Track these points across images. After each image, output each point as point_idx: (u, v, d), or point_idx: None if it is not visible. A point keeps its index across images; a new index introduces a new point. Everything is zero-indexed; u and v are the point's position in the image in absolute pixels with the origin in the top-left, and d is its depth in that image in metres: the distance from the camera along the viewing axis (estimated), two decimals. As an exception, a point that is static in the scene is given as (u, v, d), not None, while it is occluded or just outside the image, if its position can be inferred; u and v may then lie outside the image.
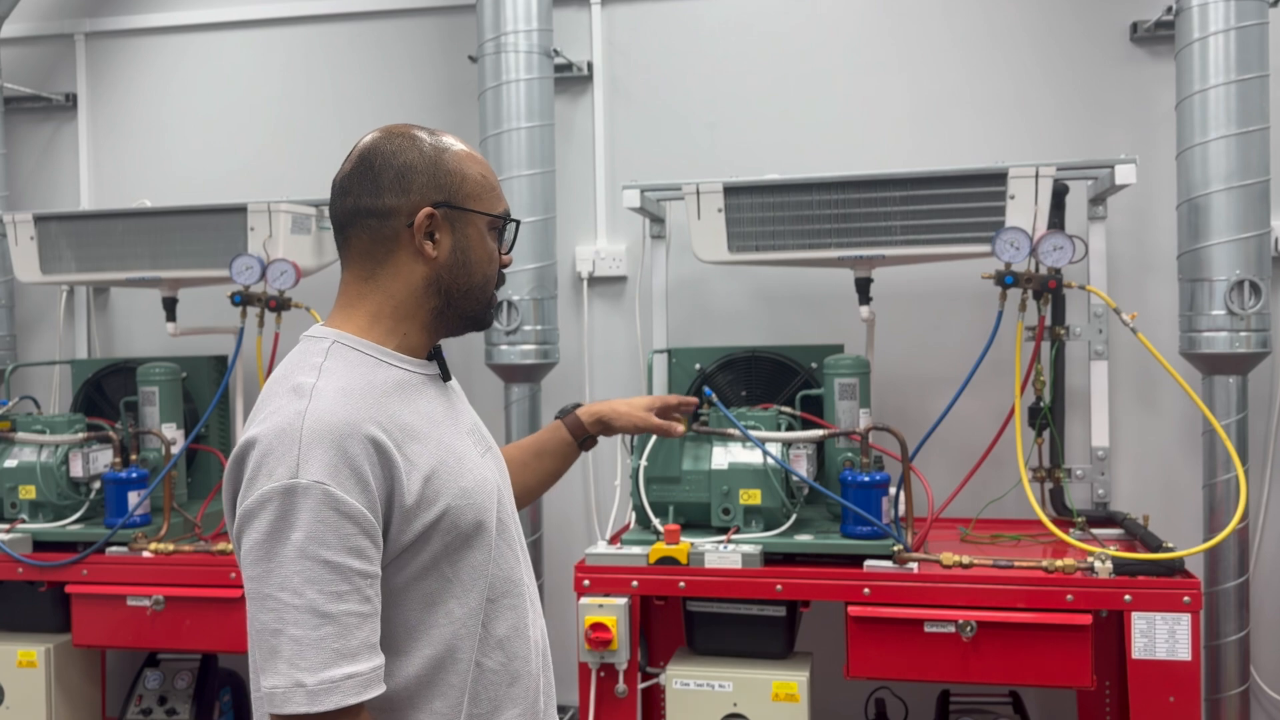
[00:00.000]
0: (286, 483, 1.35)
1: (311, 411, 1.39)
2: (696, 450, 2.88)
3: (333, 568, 1.34)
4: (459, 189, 1.52)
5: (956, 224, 2.81)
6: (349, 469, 1.36)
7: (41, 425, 3.24)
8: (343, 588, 1.34)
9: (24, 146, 4.07)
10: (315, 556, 1.33)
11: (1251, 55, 2.78)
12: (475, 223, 1.54)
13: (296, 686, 1.32)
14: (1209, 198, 2.81)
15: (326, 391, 1.41)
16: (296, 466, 1.35)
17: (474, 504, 1.48)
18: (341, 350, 1.49)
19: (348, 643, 1.34)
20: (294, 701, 1.32)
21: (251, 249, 3.18)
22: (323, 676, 1.32)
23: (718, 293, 3.55)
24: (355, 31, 3.83)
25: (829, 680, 2.86)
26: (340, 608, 1.34)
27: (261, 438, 1.38)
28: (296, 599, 1.33)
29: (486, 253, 1.56)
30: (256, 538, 1.35)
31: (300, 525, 1.34)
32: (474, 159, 1.56)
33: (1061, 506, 3.07)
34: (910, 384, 3.38)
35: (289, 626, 1.33)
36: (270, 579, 1.34)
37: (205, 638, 2.97)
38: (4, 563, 3.02)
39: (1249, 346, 2.81)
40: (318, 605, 1.33)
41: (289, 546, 1.34)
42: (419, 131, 1.55)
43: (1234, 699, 2.91)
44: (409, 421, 1.45)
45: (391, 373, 1.50)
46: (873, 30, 3.47)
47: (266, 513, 1.35)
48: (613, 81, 3.63)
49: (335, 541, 1.34)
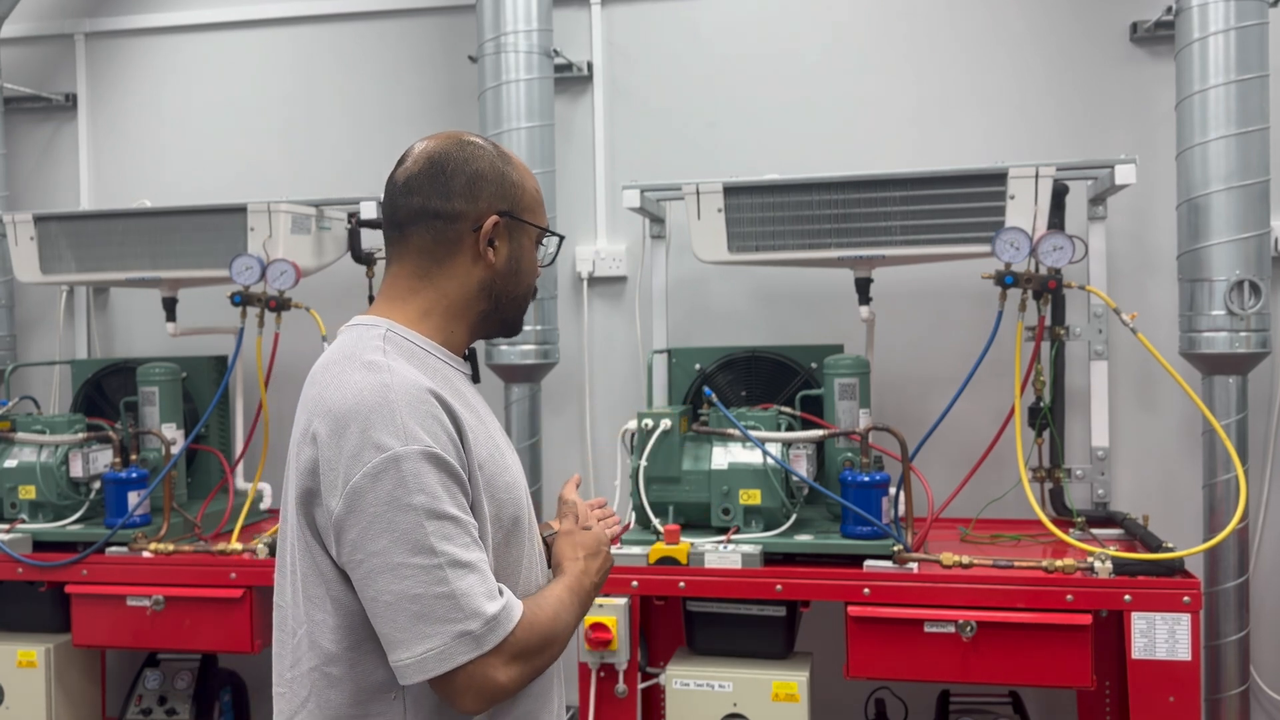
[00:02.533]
0: (395, 451, 1.38)
1: (396, 383, 1.42)
2: (696, 450, 2.88)
3: (457, 522, 1.40)
4: (519, 200, 1.59)
5: (956, 224, 2.81)
6: (443, 431, 1.42)
7: (41, 425, 3.24)
8: (469, 538, 1.41)
9: (24, 146, 4.07)
10: (442, 514, 1.38)
11: (1251, 55, 2.78)
12: (529, 234, 1.61)
13: (460, 637, 1.37)
14: (1209, 198, 2.81)
15: (399, 367, 1.46)
16: (403, 433, 1.39)
17: (514, 499, 1.54)
18: (395, 338, 1.53)
19: (489, 585, 1.41)
20: (460, 651, 1.37)
21: (251, 249, 3.17)
22: (484, 618, 1.38)
23: (718, 293, 3.55)
24: (355, 31, 3.82)
25: (829, 680, 2.86)
26: (474, 556, 1.41)
27: (354, 411, 1.40)
28: (436, 558, 1.37)
29: (533, 263, 1.64)
30: (376, 510, 1.37)
31: (420, 489, 1.38)
32: (530, 172, 1.64)
33: (1061, 506, 3.07)
34: (910, 384, 3.38)
35: (434, 586, 1.36)
36: (400, 547, 1.36)
37: (205, 638, 2.97)
38: (4, 563, 3.02)
39: (1249, 346, 2.81)
40: (458, 557, 1.38)
41: (414, 512, 1.37)
42: (483, 141, 1.62)
43: (1234, 699, 2.91)
44: (462, 412, 1.49)
45: (441, 366, 1.55)
46: (873, 30, 3.46)
47: (382, 484, 1.37)
48: (613, 81, 3.63)
49: (450, 499, 1.40)
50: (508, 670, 1.40)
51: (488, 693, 1.40)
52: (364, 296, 3.51)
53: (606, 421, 3.61)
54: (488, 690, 1.39)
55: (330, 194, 3.58)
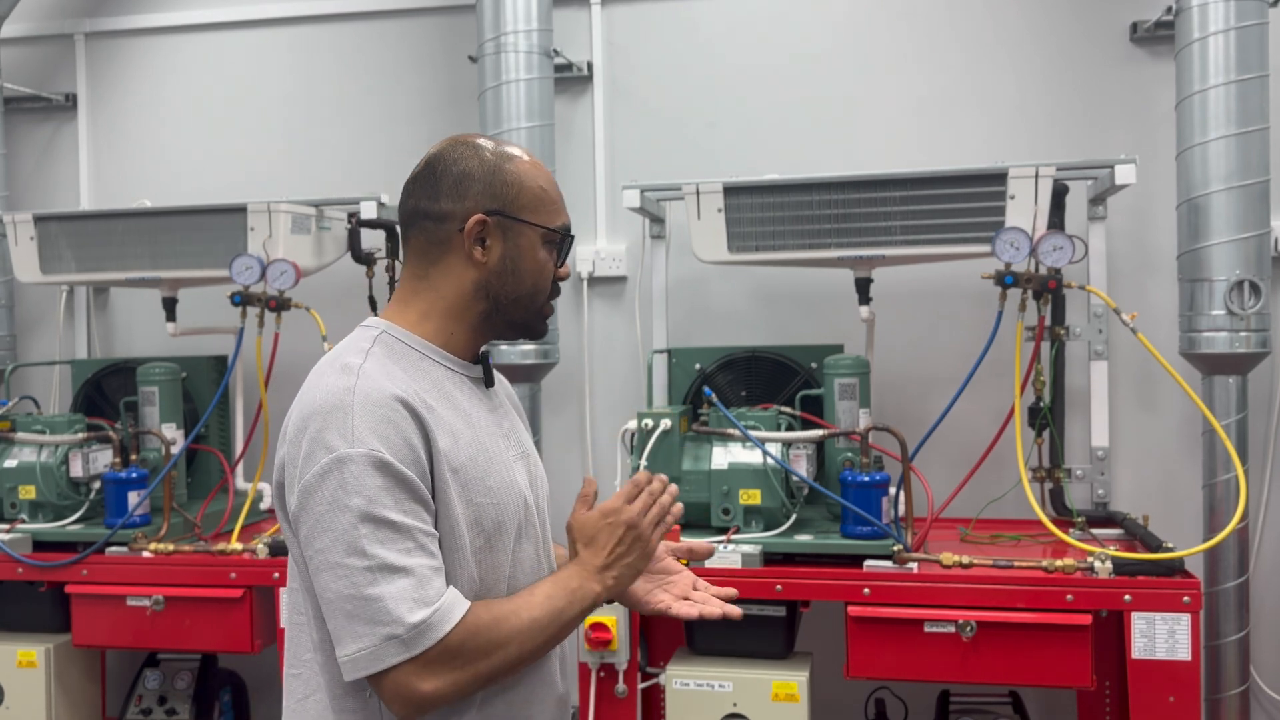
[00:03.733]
0: (341, 453, 1.40)
1: (360, 386, 1.44)
2: (696, 450, 2.88)
3: (395, 527, 1.39)
4: (515, 199, 1.56)
5: (956, 224, 2.81)
6: (399, 438, 1.42)
7: (41, 425, 3.24)
8: (408, 544, 1.39)
9: (24, 146, 4.07)
10: (378, 518, 1.39)
11: (1251, 55, 2.78)
12: (528, 233, 1.57)
13: (388, 640, 1.36)
14: (1209, 198, 2.81)
15: (371, 370, 1.47)
16: (351, 436, 1.40)
17: (497, 503, 1.52)
18: (389, 340, 1.54)
19: (426, 591, 1.39)
20: (388, 654, 1.36)
21: (251, 249, 3.18)
22: (411, 623, 1.36)
23: (718, 293, 3.55)
24: (355, 31, 3.82)
25: (829, 680, 2.86)
26: (411, 561, 1.39)
27: (315, 412, 1.44)
28: (366, 560, 1.37)
29: (537, 263, 1.59)
30: (319, 510, 1.40)
31: (359, 491, 1.39)
32: (538, 172, 1.60)
33: (1061, 506, 3.07)
34: (910, 384, 3.38)
35: (364, 588, 1.37)
36: (337, 547, 1.38)
37: (205, 638, 2.97)
38: (4, 563, 3.02)
39: (1249, 346, 2.81)
40: (391, 561, 1.38)
41: (350, 513, 1.38)
42: (485, 141, 1.60)
43: (1234, 699, 2.91)
44: (444, 415, 1.49)
45: (434, 369, 1.55)
46: (873, 30, 3.47)
47: (327, 485, 1.40)
48: (613, 81, 3.63)
49: (393, 504, 1.39)
50: (434, 679, 1.38)
51: (411, 700, 1.39)
52: (364, 296, 3.50)
53: (606, 421, 3.61)
54: (409, 697, 1.38)
55: (330, 194, 3.58)
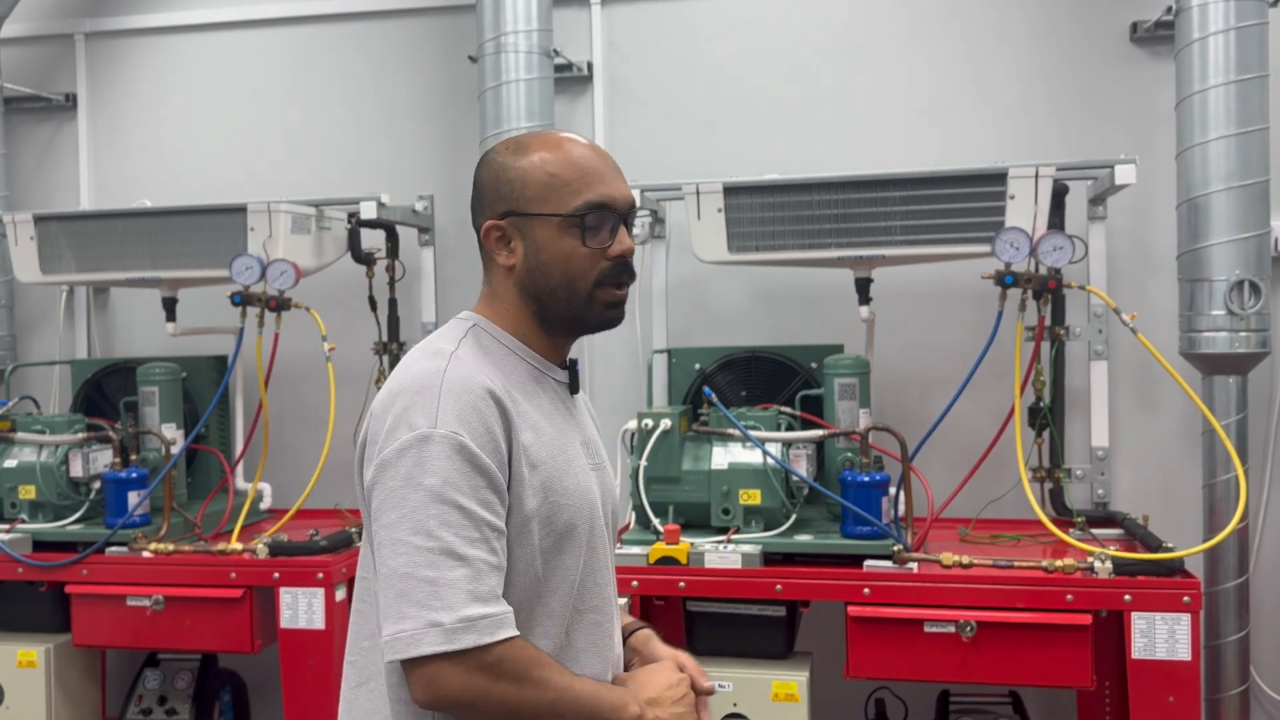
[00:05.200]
0: (424, 431, 1.40)
1: (450, 370, 1.46)
2: (696, 450, 2.88)
3: (466, 513, 1.39)
4: (520, 195, 1.54)
5: (956, 224, 2.81)
6: (481, 425, 1.42)
7: (41, 425, 3.24)
8: (474, 534, 1.39)
9: (24, 146, 4.07)
10: (450, 501, 1.38)
11: (1251, 55, 2.78)
12: (541, 225, 1.53)
13: (431, 626, 1.35)
14: (1209, 198, 2.81)
15: (464, 357, 1.49)
16: (435, 417, 1.41)
17: (570, 504, 1.51)
18: (480, 333, 1.56)
19: (480, 586, 1.37)
20: (427, 641, 1.35)
21: (251, 249, 3.17)
22: (460, 615, 1.35)
23: (718, 293, 3.55)
24: (355, 31, 3.82)
25: (829, 680, 2.86)
26: (473, 552, 1.38)
27: (403, 391, 1.45)
28: (430, 541, 1.37)
29: (562, 252, 1.53)
30: (393, 485, 1.40)
31: (436, 471, 1.39)
32: (551, 158, 1.54)
33: (1061, 506, 3.07)
34: (910, 384, 3.38)
35: (422, 569, 1.36)
36: (404, 524, 1.38)
37: (205, 638, 2.97)
38: (4, 563, 3.02)
39: (1249, 346, 2.81)
40: (453, 547, 1.37)
41: (423, 492, 1.38)
42: (504, 146, 1.59)
43: (1234, 699, 2.91)
44: (528, 410, 1.50)
45: (520, 365, 1.55)
46: (873, 31, 3.46)
47: (404, 461, 1.40)
48: (613, 81, 3.63)
49: (468, 489, 1.39)
50: (463, 680, 1.36)
51: (436, 693, 1.37)
52: (364, 296, 3.51)
53: (607, 421, 3.57)
54: (442, 690, 1.37)
55: (330, 194, 3.58)
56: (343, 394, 3.24)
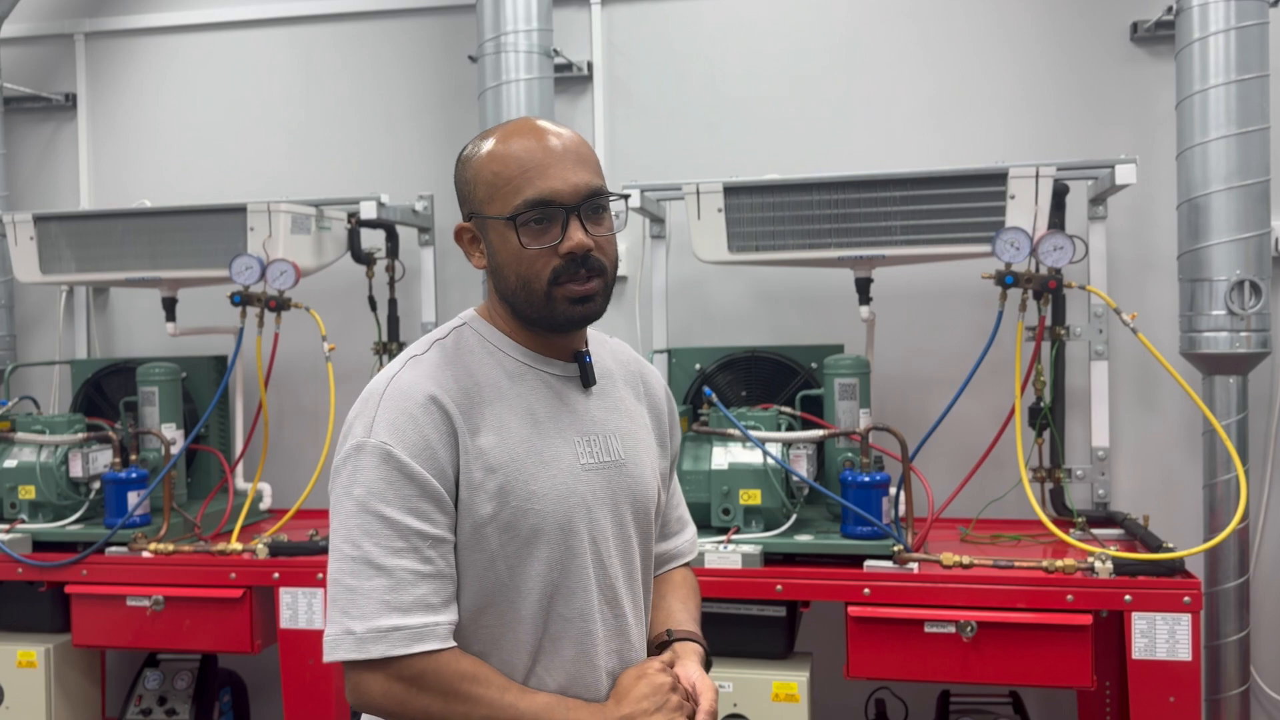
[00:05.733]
0: (358, 441, 1.43)
1: (398, 378, 1.47)
2: (696, 450, 2.88)
3: (389, 523, 1.39)
4: (474, 196, 1.53)
5: (956, 224, 2.81)
6: (416, 434, 1.42)
7: (41, 425, 3.24)
8: (398, 544, 1.39)
9: (24, 146, 4.07)
10: (374, 511, 1.40)
11: (1251, 55, 2.78)
12: (492, 227, 1.50)
13: (346, 634, 1.38)
14: (1209, 198, 2.81)
15: (423, 362, 1.49)
16: (370, 427, 1.43)
17: (537, 509, 1.46)
18: (468, 332, 1.56)
19: (399, 597, 1.38)
20: (341, 648, 1.38)
21: (251, 249, 3.17)
22: (371, 625, 1.37)
23: (718, 293, 3.55)
24: (356, 31, 3.82)
25: (829, 680, 2.86)
26: (395, 562, 1.39)
27: (358, 400, 1.50)
28: (353, 550, 1.39)
29: (511, 253, 1.48)
30: (334, 494, 1.45)
31: (363, 482, 1.41)
32: (492, 158, 1.49)
33: (1061, 506, 3.07)
34: (910, 384, 3.37)
35: (345, 576, 1.39)
36: (337, 532, 1.42)
37: (205, 638, 2.97)
38: (4, 563, 3.02)
39: (1249, 346, 2.81)
40: (373, 558, 1.38)
41: (352, 501, 1.42)
42: (471, 144, 1.56)
43: (1234, 699, 2.91)
44: (497, 412, 1.47)
45: (508, 363, 1.53)
46: (873, 31, 3.46)
47: (344, 470, 1.44)
48: (613, 81, 3.63)
49: (394, 499, 1.40)
50: (381, 688, 1.39)
51: (361, 698, 1.41)
52: (364, 296, 3.51)
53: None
54: (362, 695, 1.41)
55: (330, 194, 3.58)
56: (342, 394, 3.24)
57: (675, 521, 1.79)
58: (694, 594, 1.77)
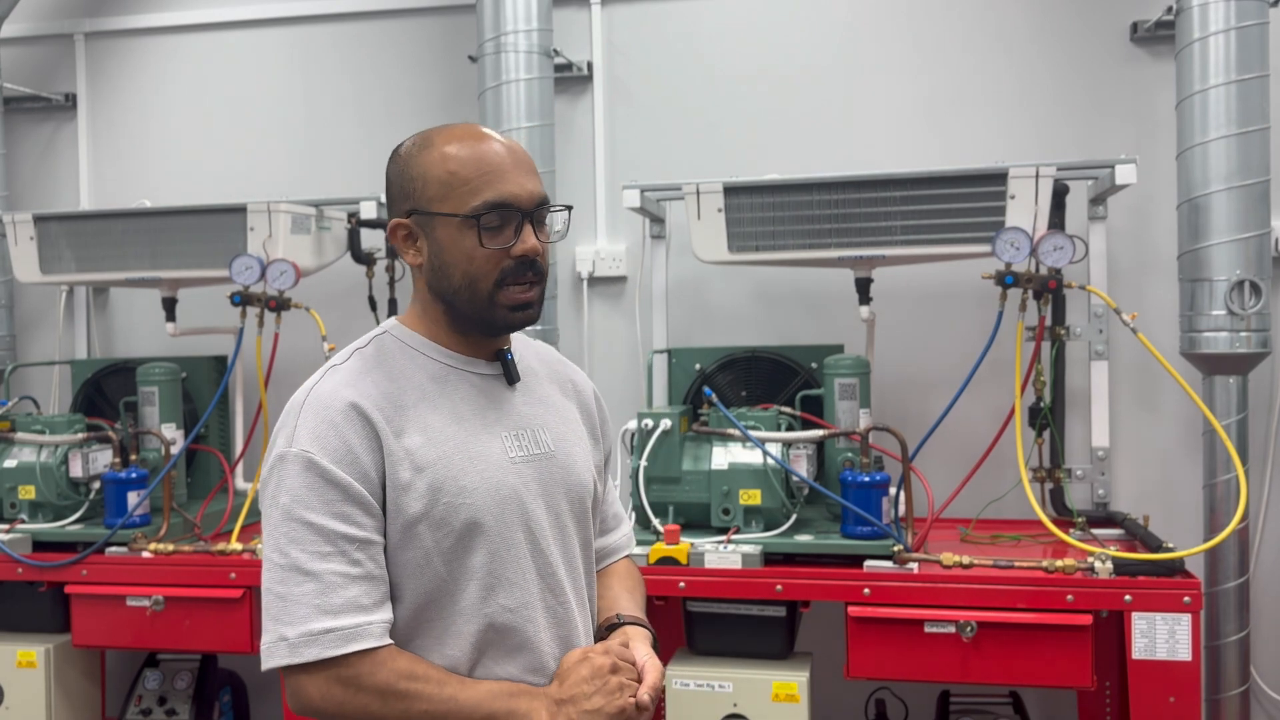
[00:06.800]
0: (280, 450, 1.46)
1: (317, 387, 1.50)
2: (696, 450, 2.88)
3: (314, 529, 1.41)
4: (422, 193, 1.52)
5: (956, 224, 2.81)
6: (338, 440, 1.44)
7: (41, 425, 3.24)
8: (325, 549, 1.41)
9: (24, 146, 4.07)
10: (298, 518, 1.42)
11: (1251, 55, 2.78)
12: (442, 225, 1.50)
13: (279, 640, 1.40)
14: (1209, 198, 2.81)
15: (342, 370, 1.51)
16: (292, 437, 1.46)
17: (470, 503, 1.48)
18: (388, 339, 1.57)
19: (329, 600, 1.40)
20: (277, 654, 1.40)
21: (251, 249, 3.17)
22: (303, 629, 1.39)
23: (718, 293, 3.55)
24: (355, 31, 3.82)
25: (829, 680, 2.86)
26: (322, 566, 1.41)
27: (283, 410, 1.51)
28: (282, 558, 1.41)
29: (463, 253, 1.49)
30: (263, 504, 1.47)
31: (288, 490, 1.43)
32: (447, 157, 1.51)
33: (1061, 507, 3.07)
34: (910, 384, 3.37)
35: (275, 584, 1.42)
36: (267, 542, 1.45)
37: (205, 638, 2.97)
38: (4, 563, 3.02)
39: (1249, 346, 2.81)
40: (300, 564, 1.40)
41: (278, 510, 1.43)
42: (412, 140, 1.58)
43: (1234, 699, 2.91)
44: (421, 413, 1.49)
45: (430, 365, 1.54)
46: (873, 30, 3.46)
47: (270, 480, 1.46)
48: (613, 81, 3.63)
49: (319, 505, 1.42)
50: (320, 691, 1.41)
51: (302, 702, 1.43)
52: (364, 297, 3.51)
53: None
54: (302, 700, 1.43)
55: (330, 194, 3.58)
56: (343, 394, 3.24)
57: (611, 518, 1.82)
58: (639, 584, 1.80)
